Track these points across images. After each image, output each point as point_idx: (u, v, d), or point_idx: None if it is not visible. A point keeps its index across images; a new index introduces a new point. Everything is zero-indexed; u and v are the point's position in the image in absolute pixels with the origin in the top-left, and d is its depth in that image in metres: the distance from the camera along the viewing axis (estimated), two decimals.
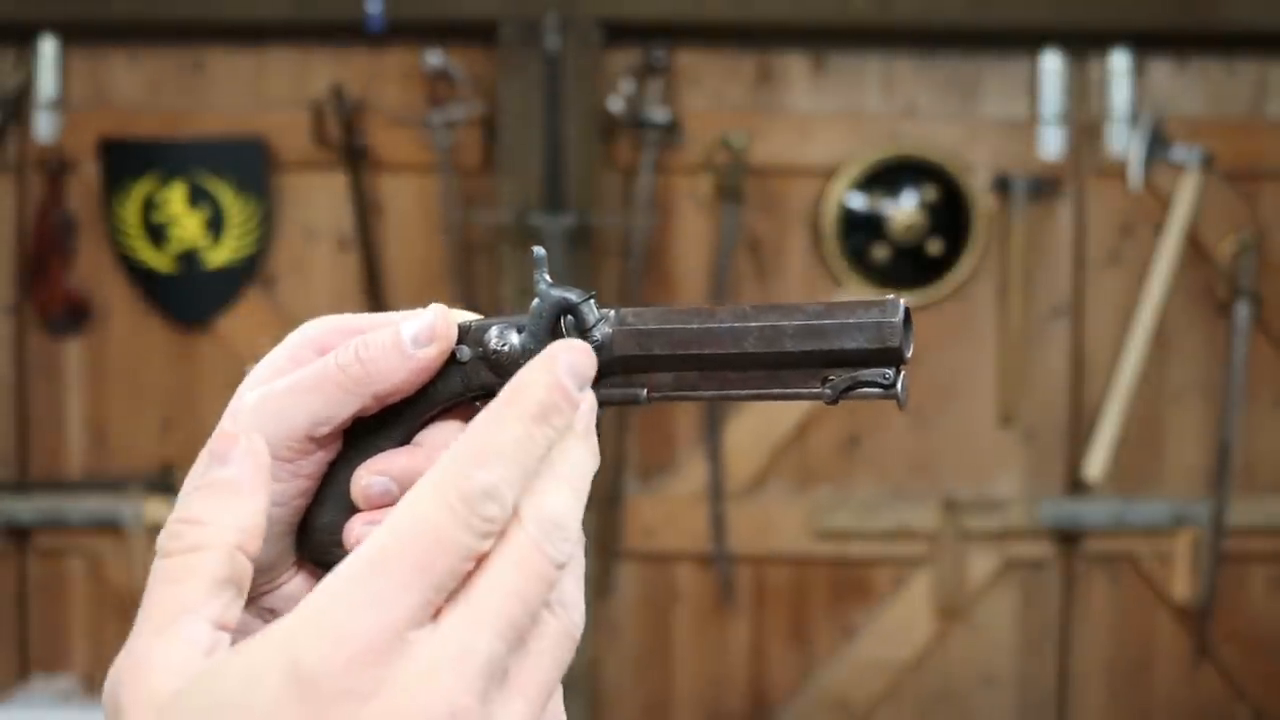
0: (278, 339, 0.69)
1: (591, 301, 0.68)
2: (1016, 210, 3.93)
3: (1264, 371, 4.00)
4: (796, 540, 4.01)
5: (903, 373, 0.62)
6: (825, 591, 4.07)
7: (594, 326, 0.67)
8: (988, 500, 4.00)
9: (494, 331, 0.70)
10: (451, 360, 0.71)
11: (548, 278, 0.69)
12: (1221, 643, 4.01)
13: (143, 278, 3.98)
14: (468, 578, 0.47)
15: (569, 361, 0.52)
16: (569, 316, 0.68)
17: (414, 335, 0.70)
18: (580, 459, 0.50)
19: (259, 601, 0.74)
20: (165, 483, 3.94)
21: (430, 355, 0.70)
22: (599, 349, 0.66)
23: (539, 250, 0.70)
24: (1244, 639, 4.03)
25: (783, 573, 4.06)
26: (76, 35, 3.96)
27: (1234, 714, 4.06)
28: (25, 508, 3.96)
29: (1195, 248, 3.96)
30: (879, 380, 0.62)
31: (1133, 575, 4.03)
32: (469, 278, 3.94)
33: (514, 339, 0.69)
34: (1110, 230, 4.00)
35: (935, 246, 3.96)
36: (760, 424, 3.98)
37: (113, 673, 0.48)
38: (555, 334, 0.68)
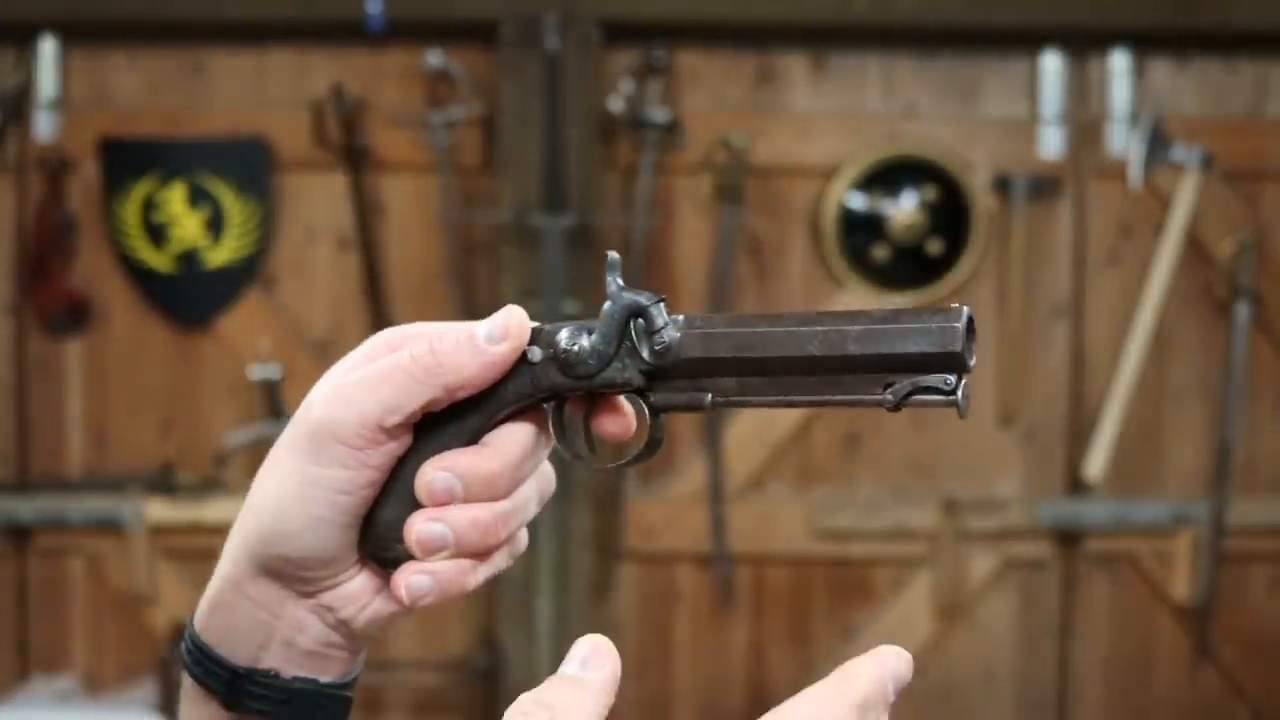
0: (278, 339, 0.70)
1: (662, 305, 0.69)
2: (1016, 210, 3.93)
3: (1264, 371, 4.00)
4: (796, 540, 4.01)
5: (964, 380, 0.62)
6: (825, 591, 4.07)
7: (663, 329, 0.68)
8: (987, 500, 4.00)
9: (565, 333, 0.71)
10: (522, 360, 0.71)
11: (620, 281, 0.70)
12: (1222, 643, 4.01)
13: (143, 278, 3.97)
14: None
15: (895, 668, 0.56)
16: (639, 319, 0.69)
17: (488, 332, 0.71)
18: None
19: (317, 598, 0.75)
20: (165, 483, 3.94)
21: (502, 351, 0.71)
22: (666, 351, 0.68)
23: (613, 255, 0.71)
24: (1244, 639, 4.03)
25: (783, 573, 4.06)
26: (76, 35, 3.96)
27: (1234, 714, 4.06)
28: (25, 508, 3.95)
29: (1195, 248, 3.96)
30: (940, 386, 0.62)
31: (1133, 575, 4.03)
32: (469, 278, 3.94)
33: (584, 341, 0.70)
34: (1110, 230, 4.00)
35: (935, 246, 3.96)
36: (760, 424, 3.98)
37: None
38: (625, 336, 0.69)
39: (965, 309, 0.63)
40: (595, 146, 3.86)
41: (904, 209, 3.95)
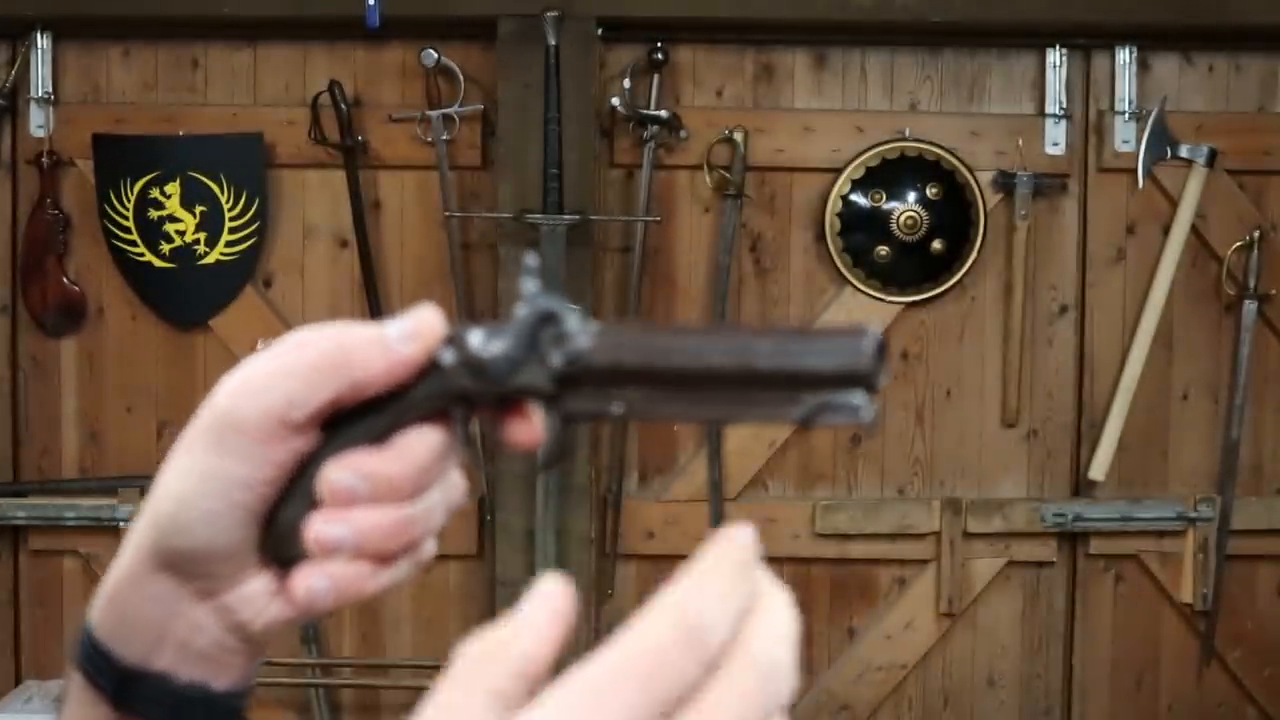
0: (275, 337, 0.70)
1: (576, 311, 0.67)
2: (1020, 208, 3.90)
3: (1271, 370, 3.98)
4: (798, 541, 3.98)
5: (873, 400, 0.62)
6: (827, 593, 4.04)
7: (575, 336, 0.66)
8: (991, 501, 3.97)
9: (477, 337, 0.69)
10: (434, 363, 0.70)
11: (537, 285, 0.68)
12: (1228, 644, 3.98)
13: (138, 276, 3.94)
14: (687, 704, 0.51)
15: (746, 539, 0.55)
16: (551, 325, 0.67)
17: (399, 332, 0.70)
18: (785, 613, 0.54)
19: (217, 598, 0.73)
20: None
21: (411, 352, 0.70)
22: (576, 358, 0.66)
23: (531, 258, 0.69)
24: (1251, 640, 4.00)
25: (784, 574, 4.02)
26: (70, 31, 3.92)
27: (1242, 715, 4.03)
28: (19, 508, 3.92)
29: (1201, 245, 3.93)
30: (848, 405, 0.62)
31: (1138, 576, 4.00)
32: (468, 276, 3.91)
33: (496, 345, 0.68)
34: (1115, 228, 3.97)
35: (938, 244, 3.93)
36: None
37: None
38: (537, 342, 0.67)
39: (877, 331, 0.63)
40: (595, 144, 3.83)
41: (907, 206, 3.92)
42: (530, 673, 0.53)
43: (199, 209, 3.91)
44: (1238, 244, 3.90)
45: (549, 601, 0.55)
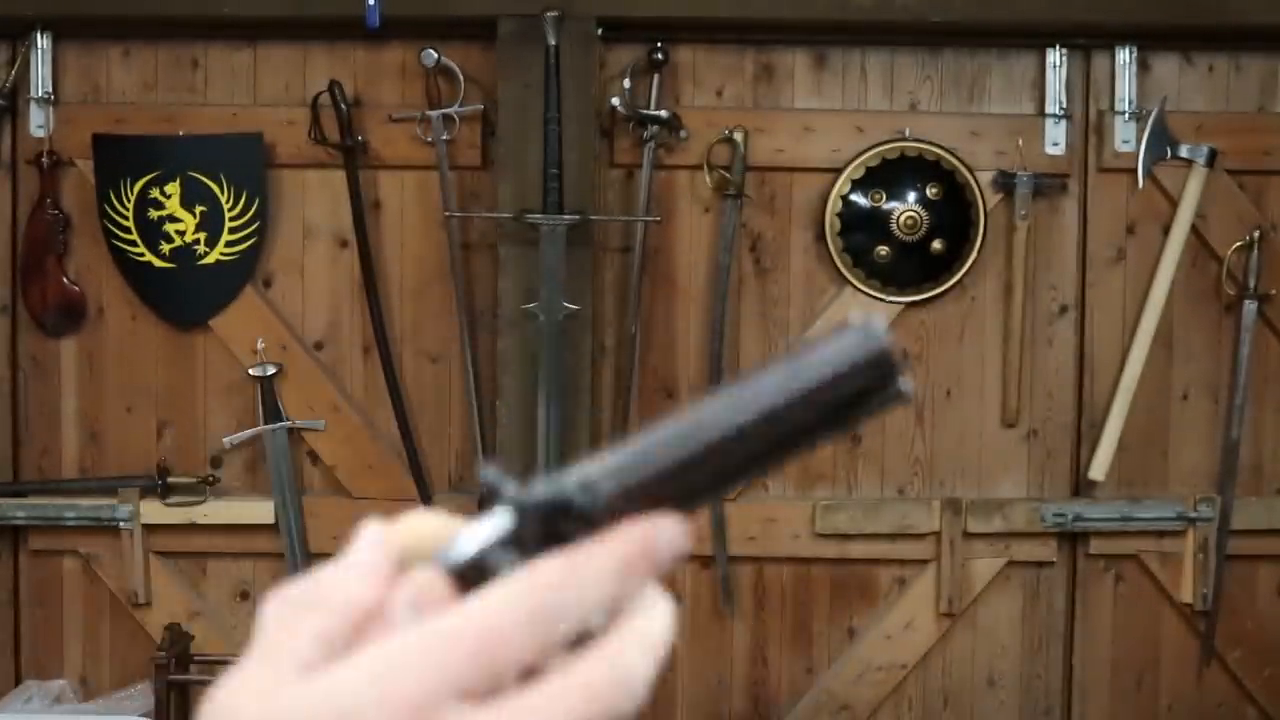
0: (275, 337, 0.66)
1: (572, 488, 0.60)
2: (1020, 208, 3.90)
3: (1271, 370, 3.97)
4: (798, 541, 3.98)
5: (904, 379, 0.61)
6: (827, 593, 4.03)
7: (583, 503, 0.60)
8: (991, 501, 3.96)
9: (487, 561, 0.60)
10: None
11: (515, 488, 0.60)
12: (1228, 644, 3.98)
13: (138, 276, 3.93)
14: (525, 680, 0.51)
15: (671, 536, 0.56)
16: (554, 516, 0.60)
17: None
18: (661, 625, 0.54)
19: None
20: (161, 483, 3.91)
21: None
22: (596, 515, 0.60)
23: (490, 472, 0.61)
24: (1251, 640, 4.00)
25: (784, 574, 4.03)
26: (70, 31, 3.92)
27: (1241, 715, 4.02)
28: (19, 508, 3.92)
29: (1201, 245, 3.93)
30: (890, 396, 0.61)
31: (1138, 576, 4.00)
32: (468, 276, 3.91)
33: (507, 559, 0.60)
34: (1116, 228, 3.97)
35: (938, 244, 3.93)
36: None
37: (218, 685, 0.54)
38: (549, 538, 0.60)
39: (877, 322, 0.60)
40: (595, 144, 3.82)
41: (907, 206, 3.92)
42: (355, 617, 0.53)
43: (199, 209, 3.90)
44: (1238, 244, 3.90)
45: (373, 545, 0.56)
